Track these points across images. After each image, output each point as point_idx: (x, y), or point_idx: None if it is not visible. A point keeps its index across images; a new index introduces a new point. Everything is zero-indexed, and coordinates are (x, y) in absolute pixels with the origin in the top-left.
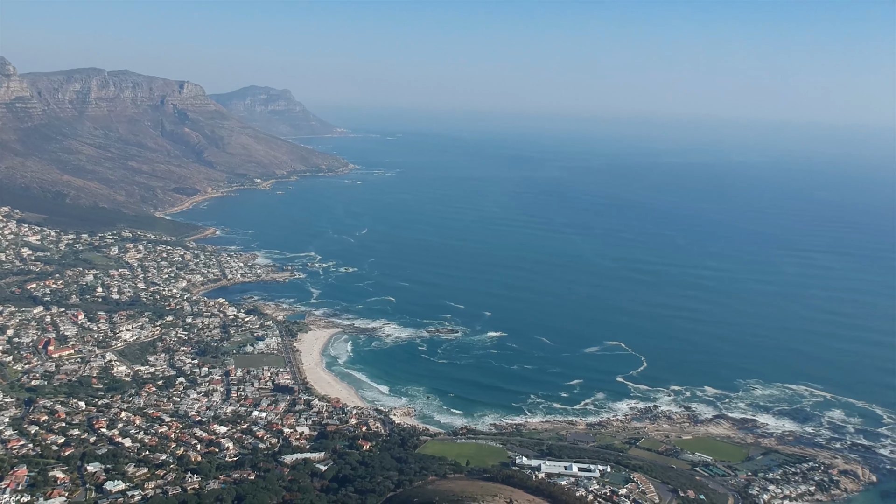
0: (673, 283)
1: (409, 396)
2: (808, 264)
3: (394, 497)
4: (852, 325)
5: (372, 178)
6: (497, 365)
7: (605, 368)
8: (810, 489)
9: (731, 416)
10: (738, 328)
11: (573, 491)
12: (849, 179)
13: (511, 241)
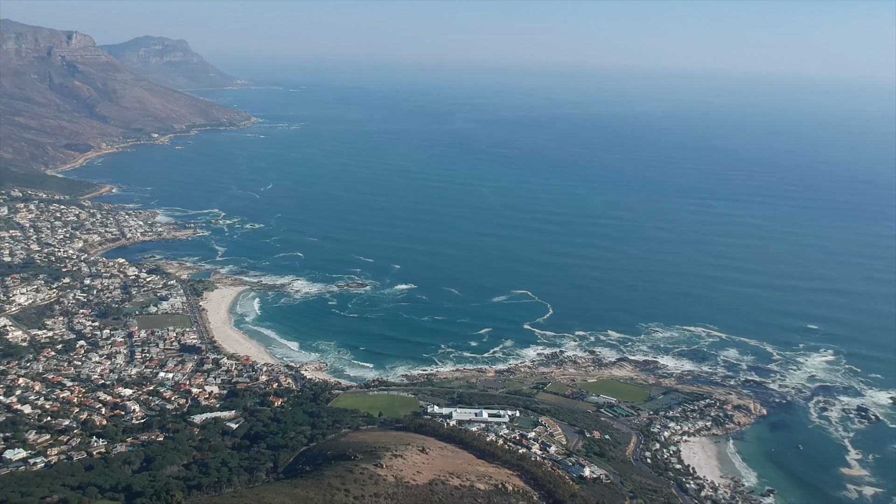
0: (577, 232)
1: (320, 351)
2: (705, 211)
3: (307, 451)
4: (746, 269)
5: (276, 131)
6: (407, 317)
7: (513, 317)
8: (707, 424)
9: (634, 359)
10: (640, 274)
11: (484, 436)
12: (744, 127)
13: (420, 194)
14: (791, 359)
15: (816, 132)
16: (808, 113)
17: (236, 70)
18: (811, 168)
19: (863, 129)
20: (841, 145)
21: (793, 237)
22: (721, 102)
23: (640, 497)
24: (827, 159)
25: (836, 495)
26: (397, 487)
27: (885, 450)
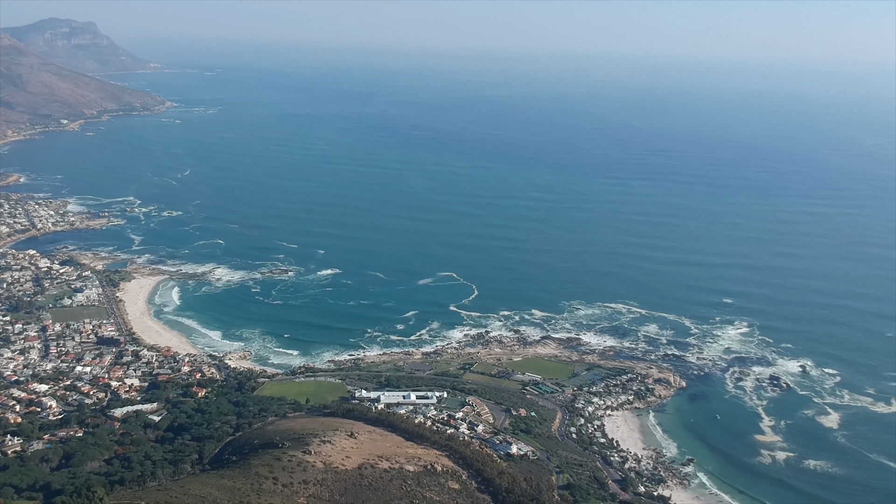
0: (500, 214)
1: (244, 340)
2: (623, 191)
3: (233, 441)
4: (663, 246)
5: (192, 116)
6: (333, 302)
7: (439, 299)
8: (629, 398)
9: (557, 337)
10: (562, 254)
11: (412, 419)
12: (661, 107)
13: (342, 178)
14: (708, 332)
15: (729, 111)
16: (721, 93)
17: (148, 53)
18: (724, 147)
19: (775, 108)
20: (753, 124)
21: (707, 215)
22: (639, 84)
23: (567, 471)
24: (738, 138)
25: (751, 461)
26: (326, 473)
27: (796, 416)
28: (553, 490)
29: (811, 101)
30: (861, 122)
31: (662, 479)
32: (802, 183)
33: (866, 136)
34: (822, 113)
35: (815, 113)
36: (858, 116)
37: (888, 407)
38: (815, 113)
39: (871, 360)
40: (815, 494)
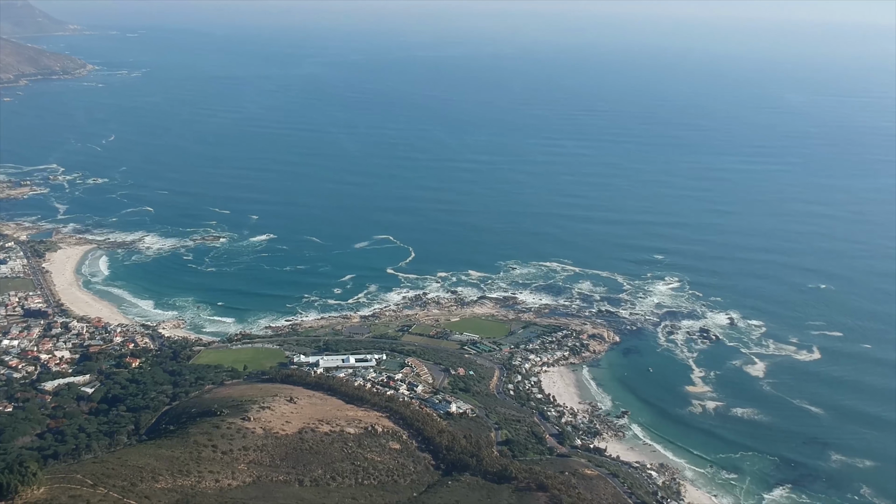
0: (435, 176)
1: (177, 308)
2: (556, 151)
3: (170, 411)
4: (595, 205)
5: (115, 79)
6: (268, 268)
7: (376, 262)
8: (565, 354)
9: (494, 296)
10: (497, 215)
11: (351, 382)
12: (594, 67)
13: (273, 142)
14: (640, 288)
15: (660, 70)
16: (653, 51)
17: (67, 14)
18: (655, 106)
19: (703, 66)
20: (683, 82)
21: (638, 174)
22: (570, 43)
23: (505, 428)
24: (668, 96)
25: (683, 412)
26: (266, 439)
27: (725, 367)
28: (492, 446)
29: (742, 60)
30: (789, 79)
31: (598, 432)
32: (730, 140)
33: (793, 94)
34: (752, 70)
35: (745, 71)
36: (786, 73)
37: (810, 355)
38: (745, 71)
39: (795, 312)
40: (741, 443)
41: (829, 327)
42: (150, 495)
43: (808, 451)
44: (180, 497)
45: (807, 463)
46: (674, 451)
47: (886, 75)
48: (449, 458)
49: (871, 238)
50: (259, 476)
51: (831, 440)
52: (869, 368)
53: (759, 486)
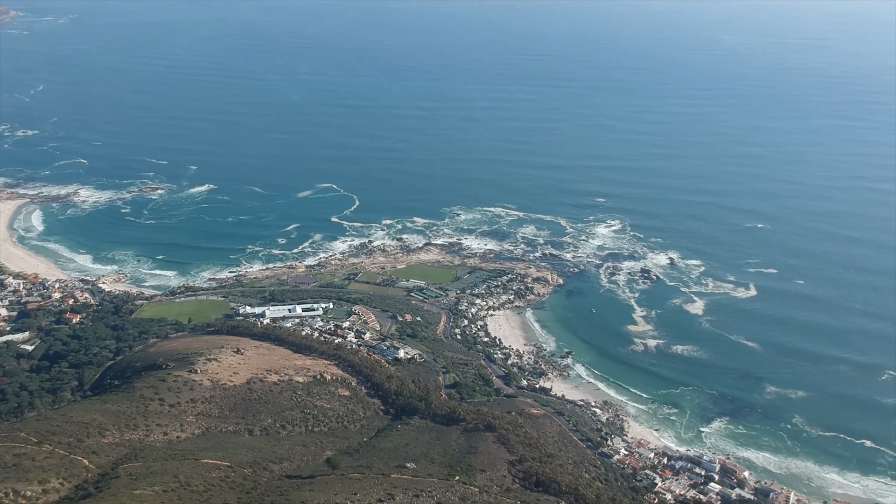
0: (378, 123)
1: (117, 262)
2: (499, 97)
3: (114, 366)
4: (538, 151)
5: (41, 26)
6: (210, 219)
7: (320, 211)
8: (510, 298)
9: (439, 242)
10: (441, 162)
11: (299, 331)
12: (536, 11)
13: (210, 91)
14: (583, 231)
15: (602, 14)
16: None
17: None
18: (596, 49)
19: (643, 10)
20: (622, 26)
21: (580, 118)
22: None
23: (453, 371)
24: (606, 40)
25: (625, 350)
26: (214, 390)
27: (665, 306)
28: (440, 390)
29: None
30: (725, 21)
31: (543, 372)
32: (668, 83)
33: (729, 35)
34: (688, 12)
35: (682, 13)
36: (722, 16)
37: (747, 292)
38: (682, 13)
39: (732, 251)
40: (681, 379)
41: (764, 265)
42: (98, 450)
43: (745, 385)
44: (128, 451)
45: (743, 396)
46: (617, 388)
47: (823, 16)
48: (398, 403)
49: (805, 178)
50: (208, 427)
51: (766, 374)
52: (802, 305)
53: (698, 420)
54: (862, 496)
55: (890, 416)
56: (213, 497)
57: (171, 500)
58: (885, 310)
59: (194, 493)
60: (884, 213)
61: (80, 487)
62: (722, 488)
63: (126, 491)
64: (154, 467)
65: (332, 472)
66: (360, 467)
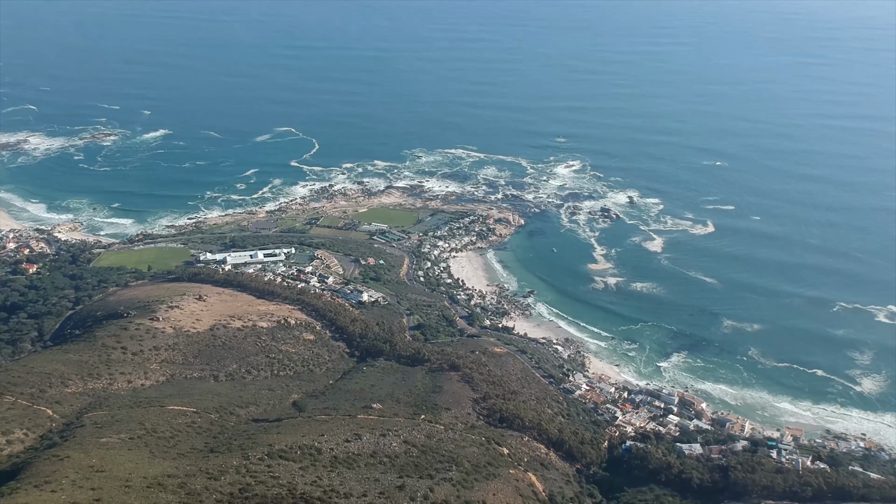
0: (336, 66)
1: (72, 211)
2: (458, 37)
3: (74, 315)
4: (499, 92)
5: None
6: (166, 165)
7: (279, 155)
8: (472, 239)
9: (401, 185)
10: (400, 105)
11: (261, 277)
12: None
13: (161, 32)
14: (543, 171)
15: None
16: None
17: None
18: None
19: None
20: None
21: (540, 58)
22: None
23: (417, 313)
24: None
25: (586, 289)
26: (177, 338)
27: (625, 244)
28: (405, 331)
29: None
30: None
31: (506, 312)
32: (628, 21)
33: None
34: None
35: None
36: None
37: (705, 229)
38: None
39: (690, 189)
40: (640, 315)
41: (722, 202)
42: (61, 400)
43: (702, 320)
44: (93, 400)
45: (701, 330)
46: (578, 326)
47: None
48: (363, 346)
49: (763, 116)
50: (173, 374)
51: (723, 309)
52: (758, 241)
53: (657, 355)
54: (813, 423)
55: (840, 346)
56: (180, 443)
57: (138, 447)
58: (839, 245)
59: (161, 440)
60: (841, 150)
61: (45, 437)
62: (680, 420)
63: (92, 439)
64: (119, 415)
65: (299, 414)
66: (326, 409)
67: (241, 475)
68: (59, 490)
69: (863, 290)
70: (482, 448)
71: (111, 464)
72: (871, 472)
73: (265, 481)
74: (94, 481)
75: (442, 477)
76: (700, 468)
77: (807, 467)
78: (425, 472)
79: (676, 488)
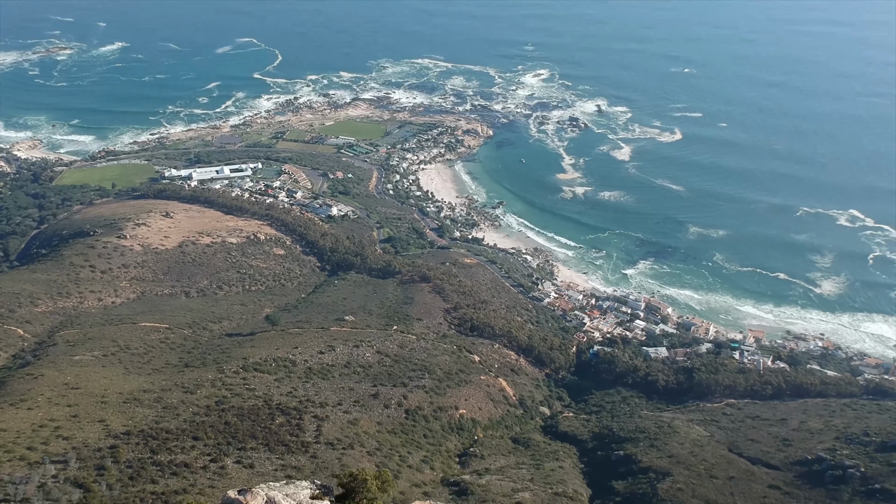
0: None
1: (30, 128)
2: None
3: (39, 234)
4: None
5: None
6: (125, 79)
7: (241, 67)
8: (441, 151)
9: (368, 97)
10: (364, 12)
11: (228, 192)
12: None
13: None
14: (512, 80)
15: None
16: None
17: None
18: None
19: None
20: None
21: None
22: None
23: (387, 226)
24: None
25: (554, 198)
26: (146, 255)
27: (592, 153)
28: (375, 244)
29: None
30: None
31: (475, 224)
32: None
33: None
34: None
35: None
36: None
37: (672, 136)
38: None
39: (658, 97)
40: (608, 225)
41: (689, 109)
42: (32, 320)
43: (669, 227)
44: (64, 318)
45: (667, 238)
46: (546, 236)
47: None
48: (334, 259)
49: (731, 22)
50: (143, 292)
51: (689, 216)
52: (724, 148)
53: (624, 263)
54: (774, 325)
55: (802, 250)
56: (154, 359)
57: (112, 363)
58: (804, 151)
59: (135, 356)
60: (809, 57)
61: (18, 357)
62: (647, 325)
63: (65, 357)
64: (91, 333)
65: (272, 328)
66: (299, 322)
67: (216, 388)
68: (36, 408)
69: (826, 196)
70: (454, 356)
71: (86, 381)
72: (829, 369)
73: (241, 393)
74: (69, 398)
75: (415, 385)
76: (665, 370)
77: (767, 367)
78: (399, 381)
79: (643, 390)
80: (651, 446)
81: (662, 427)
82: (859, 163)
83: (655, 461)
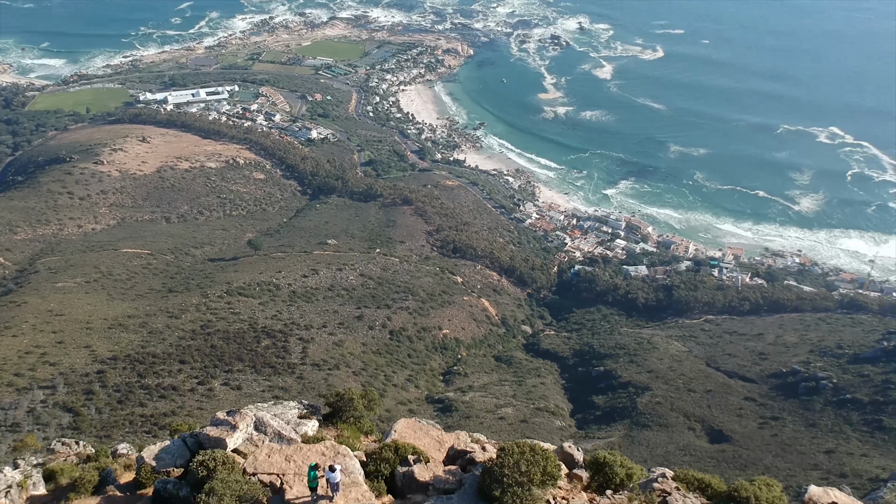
0: None
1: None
2: None
3: (14, 161)
4: None
5: None
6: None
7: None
8: (421, 72)
9: (345, 16)
10: None
11: (205, 116)
12: None
13: None
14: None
15: None
16: None
17: None
18: None
19: None
20: None
21: None
22: None
23: (367, 149)
24: None
25: (536, 119)
26: (124, 181)
27: (574, 72)
28: (356, 167)
29: None
30: None
31: (457, 145)
32: None
33: None
34: None
35: None
36: None
37: (654, 54)
38: None
39: (640, 14)
40: (589, 146)
41: (671, 26)
42: (11, 248)
43: (649, 147)
44: (44, 246)
45: (647, 157)
46: (527, 157)
47: None
48: (315, 183)
49: None
50: (123, 218)
51: (670, 135)
52: (706, 67)
53: (605, 183)
54: (753, 242)
55: (781, 168)
56: (137, 284)
57: (95, 290)
58: (786, 70)
59: (118, 282)
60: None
61: (0, 284)
62: (627, 244)
63: (48, 284)
64: (73, 260)
65: (255, 252)
66: (282, 247)
67: (201, 312)
68: (21, 335)
69: (806, 114)
70: (436, 278)
71: (70, 307)
72: (805, 285)
73: (226, 317)
74: (54, 325)
75: (399, 306)
76: (645, 288)
77: (745, 283)
78: (382, 303)
79: (623, 308)
80: (630, 362)
81: (642, 343)
82: (841, 81)
83: (635, 376)
